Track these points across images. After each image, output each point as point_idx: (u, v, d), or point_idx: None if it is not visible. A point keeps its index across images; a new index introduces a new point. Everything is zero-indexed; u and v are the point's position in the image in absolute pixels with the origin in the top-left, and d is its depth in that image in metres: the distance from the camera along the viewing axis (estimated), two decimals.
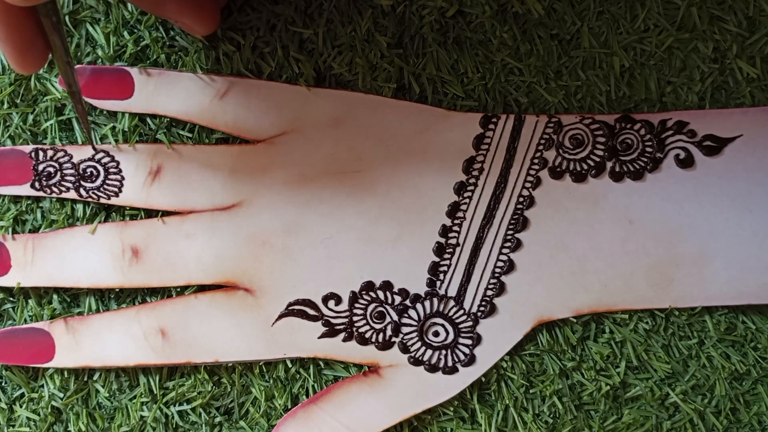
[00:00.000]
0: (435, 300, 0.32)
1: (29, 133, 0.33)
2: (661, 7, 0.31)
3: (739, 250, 0.31)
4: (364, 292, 0.32)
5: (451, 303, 0.32)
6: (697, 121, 0.31)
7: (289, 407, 0.32)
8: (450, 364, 0.31)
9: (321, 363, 0.32)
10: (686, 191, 0.31)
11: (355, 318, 0.32)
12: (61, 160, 0.32)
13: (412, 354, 0.31)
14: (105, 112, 0.32)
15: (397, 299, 0.32)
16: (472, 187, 0.32)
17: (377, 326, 0.32)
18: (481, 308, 0.31)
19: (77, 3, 0.32)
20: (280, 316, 0.32)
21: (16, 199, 0.33)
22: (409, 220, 0.32)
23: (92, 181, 0.32)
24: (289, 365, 0.32)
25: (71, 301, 0.33)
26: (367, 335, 0.32)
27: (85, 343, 0.32)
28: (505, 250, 0.31)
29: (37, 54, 0.26)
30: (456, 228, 0.32)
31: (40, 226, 0.33)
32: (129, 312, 0.32)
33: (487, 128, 0.32)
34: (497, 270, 0.31)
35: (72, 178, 0.32)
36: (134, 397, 0.32)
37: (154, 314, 0.32)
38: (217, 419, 0.32)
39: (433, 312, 0.32)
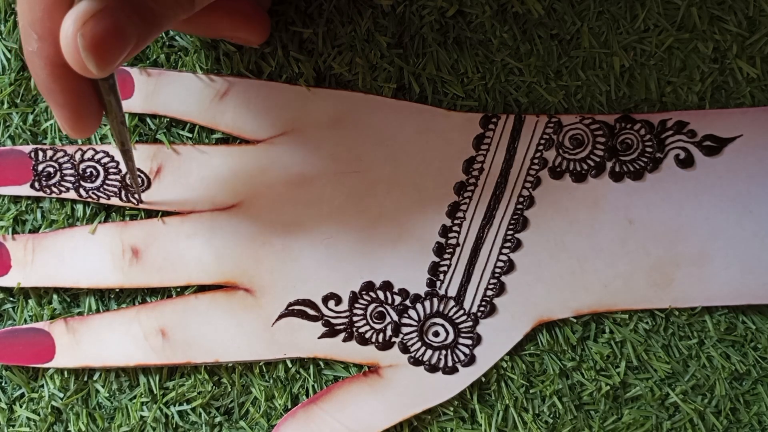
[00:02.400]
0: (435, 300, 0.32)
1: (29, 133, 0.33)
2: (661, 7, 0.31)
3: (739, 250, 0.31)
4: (364, 292, 0.32)
5: (451, 303, 0.32)
6: (697, 121, 0.31)
7: (289, 407, 0.32)
8: (450, 364, 0.31)
9: (321, 363, 0.32)
10: (686, 191, 0.31)
11: (355, 318, 0.32)
12: (60, 160, 0.32)
13: (412, 354, 0.32)
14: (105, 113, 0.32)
15: (397, 299, 0.32)
16: (472, 187, 0.32)
17: (377, 326, 0.32)
18: (481, 308, 0.31)
19: None
20: (280, 316, 0.32)
21: (16, 199, 0.33)
22: (409, 220, 0.32)
23: (92, 181, 0.32)
24: (289, 365, 0.32)
25: (71, 301, 0.33)
26: (367, 335, 0.32)
27: (86, 343, 0.32)
28: (505, 250, 0.31)
29: (93, 117, 0.26)
30: (456, 228, 0.32)
31: (40, 226, 0.33)
32: (129, 312, 0.32)
33: (487, 128, 0.32)
34: (497, 270, 0.31)
35: (72, 178, 0.32)
36: (134, 397, 0.32)
37: (154, 314, 0.32)
38: (217, 419, 0.32)
39: (433, 312, 0.32)
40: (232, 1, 0.29)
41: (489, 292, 0.31)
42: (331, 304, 0.32)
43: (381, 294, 0.32)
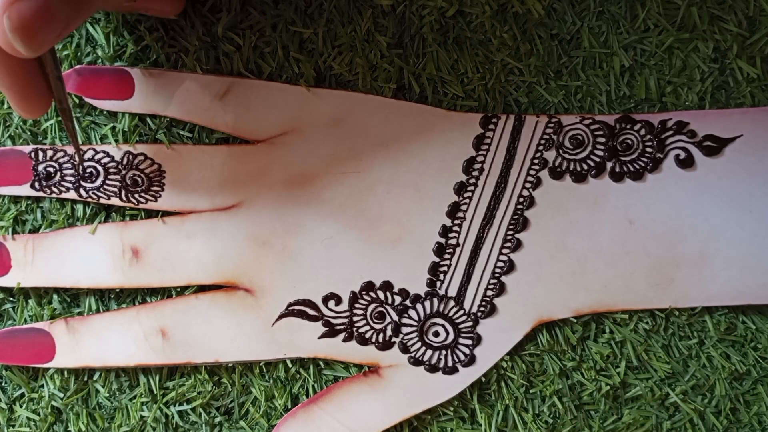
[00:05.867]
0: (435, 300, 0.32)
1: (29, 133, 0.33)
2: (661, 7, 0.31)
3: (739, 250, 0.31)
4: (364, 293, 0.32)
5: (451, 303, 0.32)
6: (697, 121, 0.31)
7: (289, 407, 0.32)
8: (450, 364, 0.31)
9: (321, 363, 0.32)
10: (686, 191, 0.31)
11: (355, 318, 0.32)
12: (60, 160, 0.32)
13: (412, 354, 0.32)
14: (105, 112, 0.32)
15: (397, 299, 0.32)
16: (472, 187, 0.32)
17: (377, 326, 0.32)
18: (481, 308, 0.31)
19: None
20: (281, 316, 0.32)
21: (16, 199, 0.33)
22: (409, 220, 0.32)
23: (92, 182, 0.32)
24: (289, 365, 0.32)
25: (71, 301, 0.33)
26: (367, 335, 0.32)
27: (86, 343, 0.32)
28: (505, 250, 0.31)
29: (41, 98, 0.26)
30: (456, 228, 0.32)
31: (40, 226, 0.33)
32: (129, 312, 0.32)
33: (487, 128, 0.32)
34: (497, 270, 0.31)
35: (72, 178, 0.32)
36: (134, 397, 0.32)
37: (154, 314, 0.32)
38: (217, 419, 0.32)
39: (433, 312, 0.32)
40: None
41: (489, 292, 0.31)
42: (331, 304, 0.32)
43: (381, 294, 0.32)
